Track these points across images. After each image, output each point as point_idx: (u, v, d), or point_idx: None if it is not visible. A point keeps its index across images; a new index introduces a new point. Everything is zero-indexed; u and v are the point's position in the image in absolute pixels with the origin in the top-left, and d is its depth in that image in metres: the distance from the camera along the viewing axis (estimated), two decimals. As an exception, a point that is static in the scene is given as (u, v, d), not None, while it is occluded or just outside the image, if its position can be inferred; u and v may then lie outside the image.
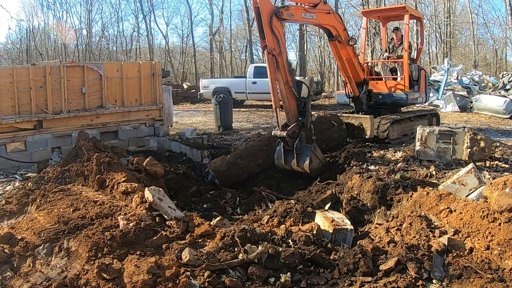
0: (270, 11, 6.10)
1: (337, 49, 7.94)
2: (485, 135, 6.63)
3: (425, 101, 10.16)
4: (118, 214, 4.22)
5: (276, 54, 6.12)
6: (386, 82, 9.05)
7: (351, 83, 8.55)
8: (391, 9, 11.15)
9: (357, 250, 3.44)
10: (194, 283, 3.06)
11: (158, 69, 10.09)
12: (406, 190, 5.14)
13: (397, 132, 8.49)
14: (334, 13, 7.71)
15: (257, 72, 17.96)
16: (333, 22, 7.56)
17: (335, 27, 7.61)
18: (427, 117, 9.83)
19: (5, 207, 5.39)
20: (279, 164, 6.65)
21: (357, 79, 8.56)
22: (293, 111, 6.37)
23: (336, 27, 7.62)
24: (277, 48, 6.12)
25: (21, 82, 7.97)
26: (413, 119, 9.15)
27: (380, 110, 8.94)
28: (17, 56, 35.08)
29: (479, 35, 30.46)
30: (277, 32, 6.15)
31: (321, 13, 7.25)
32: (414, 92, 9.07)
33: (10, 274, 3.60)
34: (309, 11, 7.03)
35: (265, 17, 6.04)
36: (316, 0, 7.18)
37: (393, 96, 8.85)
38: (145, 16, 38.12)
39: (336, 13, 7.89)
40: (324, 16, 7.36)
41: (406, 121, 8.90)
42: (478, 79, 18.07)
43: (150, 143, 9.87)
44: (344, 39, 7.79)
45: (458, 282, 3.19)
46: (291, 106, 6.36)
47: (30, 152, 8.15)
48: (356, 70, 8.42)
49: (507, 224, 3.56)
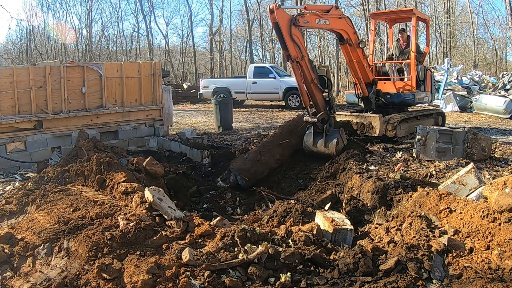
0: (288, 21, 6.57)
1: (348, 51, 8.28)
2: (485, 135, 6.63)
3: (431, 101, 10.39)
4: (118, 214, 4.22)
5: (299, 60, 6.67)
6: (394, 83, 9.28)
7: (360, 84, 8.81)
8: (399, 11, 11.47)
9: (357, 250, 3.43)
10: (194, 283, 3.05)
11: (158, 69, 10.09)
12: (406, 190, 5.13)
13: (405, 131, 8.68)
14: (346, 18, 8.06)
15: (257, 72, 17.97)
16: (344, 26, 7.93)
17: (346, 31, 7.96)
18: (433, 116, 10.03)
19: (5, 207, 5.39)
20: (308, 146, 7.33)
21: (367, 79, 8.83)
22: (320, 102, 7.04)
23: (347, 31, 7.97)
24: (299, 54, 6.64)
25: (21, 82, 7.97)
26: (419, 118, 9.35)
27: (388, 109, 9.17)
28: (17, 56, 35.07)
29: (479, 35, 30.50)
30: (297, 40, 6.65)
31: (333, 18, 7.69)
32: (421, 92, 9.31)
33: (10, 274, 3.60)
34: (322, 17, 7.48)
35: (284, 29, 6.53)
36: (329, 6, 7.74)
37: (401, 96, 9.10)
38: (145, 16, 38.12)
39: (347, 17, 8.24)
40: (336, 21, 7.78)
41: (413, 120, 9.09)
42: (478, 79, 18.07)
43: (150, 143, 9.87)
44: (354, 42, 8.11)
45: (458, 282, 3.19)
46: (319, 99, 7.02)
47: (30, 152, 8.15)
48: (366, 71, 8.70)
49: (507, 224, 3.56)
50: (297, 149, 7.60)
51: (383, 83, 9.33)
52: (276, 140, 7.59)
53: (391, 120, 8.36)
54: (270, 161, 7.29)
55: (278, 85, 17.26)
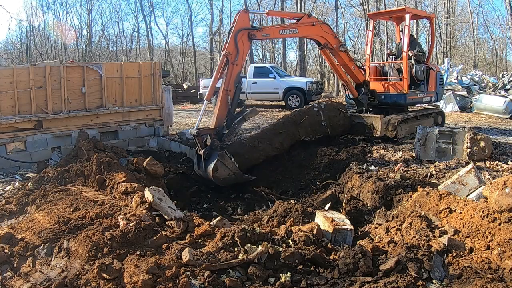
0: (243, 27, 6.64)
1: (328, 56, 8.43)
2: (485, 135, 6.63)
3: (437, 100, 10.39)
4: (118, 214, 4.22)
5: (231, 61, 6.49)
6: (388, 83, 9.27)
7: (348, 86, 8.89)
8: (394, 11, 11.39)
9: (357, 250, 3.43)
10: (194, 283, 3.05)
11: (158, 69, 10.08)
12: (406, 190, 5.14)
13: (405, 131, 8.72)
14: (321, 24, 8.09)
15: (257, 72, 17.97)
16: (319, 32, 7.91)
17: (322, 36, 7.95)
18: (432, 115, 10.04)
19: (5, 207, 5.39)
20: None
21: (356, 81, 8.86)
22: (220, 118, 6.54)
23: (323, 36, 7.97)
24: (233, 57, 6.51)
25: (21, 82, 7.97)
26: (419, 118, 9.35)
27: (388, 109, 9.18)
28: (17, 56, 35.03)
29: (479, 35, 30.49)
30: (240, 45, 6.58)
31: (304, 26, 7.69)
32: (418, 92, 9.28)
33: (10, 274, 3.60)
34: (288, 27, 7.55)
35: (235, 29, 6.56)
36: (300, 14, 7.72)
37: (393, 96, 9.09)
38: (145, 16, 38.12)
39: (324, 23, 8.30)
40: (308, 28, 7.79)
41: (413, 120, 9.12)
42: (478, 79, 18.07)
43: (150, 143, 9.87)
44: (335, 46, 8.14)
45: (458, 282, 3.19)
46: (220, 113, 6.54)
47: (30, 152, 8.15)
48: (354, 73, 8.72)
49: (507, 224, 3.56)
50: (298, 140, 7.68)
51: (379, 83, 9.32)
52: (277, 128, 7.64)
53: (392, 121, 8.37)
54: (267, 148, 7.31)
55: (278, 85, 17.26)
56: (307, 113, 7.90)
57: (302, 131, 7.72)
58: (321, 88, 20.50)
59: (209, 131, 6.38)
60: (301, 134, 7.72)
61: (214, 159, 6.24)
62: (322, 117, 7.83)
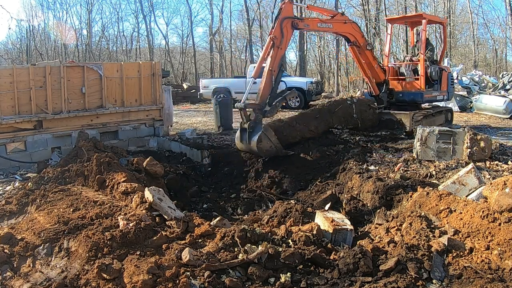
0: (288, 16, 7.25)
1: (356, 53, 8.96)
2: (485, 135, 6.63)
3: (448, 99, 11.00)
4: (118, 214, 4.22)
5: (276, 45, 7.01)
6: (406, 82, 9.83)
7: (371, 83, 9.43)
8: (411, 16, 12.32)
9: (357, 250, 3.43)
10: (194, 283, 3.05)
11: (158, 69, 10.08)
12: (406, 190, 5.13)
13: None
14: (352, 23, 8.78)
15: (257, 72, 17.96)
16: (350, 30, 8.57)
17: (352, 34, 8.60)
18: (443, 112, 10.57)
19: (5, 207, 5.39)
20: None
21: (377, 79, 9.42)
22: (264, 95, 7.11)
23: (353, 34, 8.63)
24: (278, 41, 7.02)
25: (21, 82, 7.96)
26: (434, 115, 9.92)
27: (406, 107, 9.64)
28: (17, 56, 35.06)
29: (479, 35, 30.46)
30: (285, 31, 7.13)
31: (338, 23, 8.32)
32: (433, 91, 9.85)
33: (10, 274, 3.60)
34: (325, 22, 8.16)
35: (282, 16, 7.16)
36: (334, 12, 8.47)
37: (410, 94, 9.68)
38: (145, 16, 38.19)
39: (354, 22, 8.99)
40: (341, 25, 8.44)
41: (430, 117, 9.66)
42: (478, 79, 18.05)
43: (150, 143, 9.87)
44: (362, 44, 8.75)
45: (458, 282, 3.19)
46: (264, 90, 7.14)
47: (30, 152, 8.15)
48: (376, 72, 9.30)
49: (507, 224, 3.56)
50: (331, 127, 8.29)
51: (397, 82, 9.89)
52: (314, 114, 8.38)
53: (416, 117, 8.83)
54: (304, 130, 7.96)
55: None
56: (341, 103, 8.70)
57: (336, 119, 8.47)
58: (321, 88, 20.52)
59: (254, 106, 6.92)
60: (334, 122, 8.48)
61: (259, 131, 6.75)
62: (354, 110, 8.59)
